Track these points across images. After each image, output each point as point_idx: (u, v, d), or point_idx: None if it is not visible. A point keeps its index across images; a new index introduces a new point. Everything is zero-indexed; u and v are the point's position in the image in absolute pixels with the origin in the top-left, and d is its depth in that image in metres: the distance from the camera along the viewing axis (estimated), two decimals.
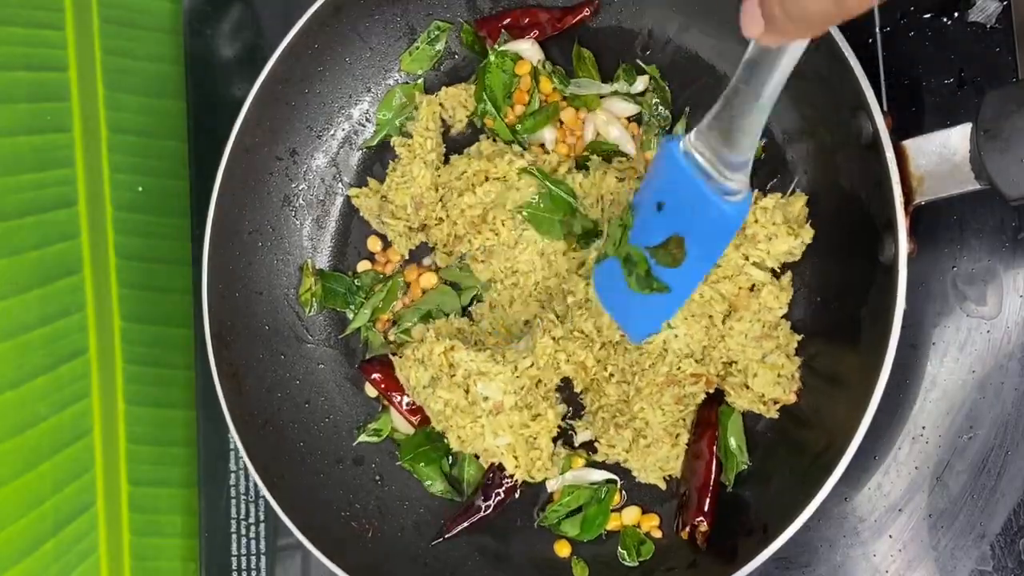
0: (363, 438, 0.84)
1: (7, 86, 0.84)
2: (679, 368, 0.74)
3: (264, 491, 0.78)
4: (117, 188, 0.92)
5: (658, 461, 0.76)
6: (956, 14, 0.76)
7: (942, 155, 0.64)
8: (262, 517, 0.89)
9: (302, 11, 0.81)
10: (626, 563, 0.77)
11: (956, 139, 0.64)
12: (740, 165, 0.59)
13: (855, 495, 0.75)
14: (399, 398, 0.82)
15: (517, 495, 0.80)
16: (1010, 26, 0.75)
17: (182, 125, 0.96)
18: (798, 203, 0.73)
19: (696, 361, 0.74)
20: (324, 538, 0.77)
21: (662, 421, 0.75)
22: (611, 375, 0.77)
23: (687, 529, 0.73)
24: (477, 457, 0.81)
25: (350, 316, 0.87)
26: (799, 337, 0.73)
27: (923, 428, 0.74)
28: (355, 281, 0.87)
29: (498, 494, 0.79)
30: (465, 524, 0.80)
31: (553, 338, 0.77)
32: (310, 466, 0.83)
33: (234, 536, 0.89)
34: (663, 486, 0.77)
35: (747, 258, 0.73)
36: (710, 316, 0.73)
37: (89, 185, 0.90)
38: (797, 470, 0.70)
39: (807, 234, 0.73)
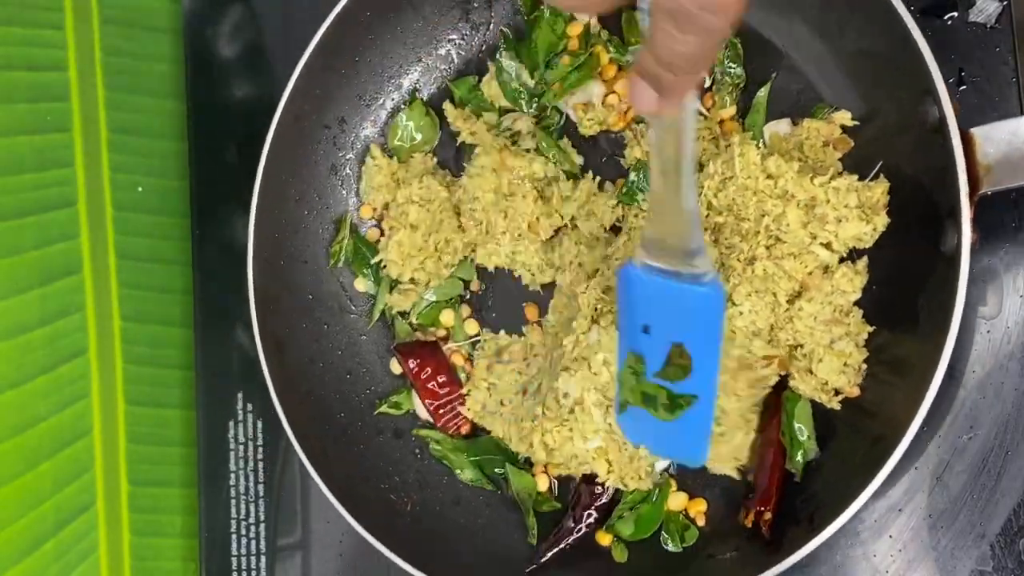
0: (383, 409, 0.84)
1: (7, 86, 0.84)
2: (750, 351, 0.72)
3: (305, 461, 0.78)
4: (117, 188, 0.92)
5: (732, 451, 0.74)
6: (956, 14, 0.76)
7: (1011, 143, 0.63)
8: (262, 517, 0.89)
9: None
10: (669, 548, 0.76)
11: None
12: (696, 251, 0.61)
13: None
14: (426, 398, 0.82)
15: (607, 511, 0.78)
16: (1010, 26, 0.75)
17: (182, 125, 0.96)
18: (878, 189, 0.70)
19: (767, 342, 0.72)
20: (363, 509, 0.77)
21: (737, 407, 0.73)
22: None
23: (751, 517, 0.72)
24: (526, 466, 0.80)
25: (359, 287, 0.87)
26: (871, 328, 0.71)
27: (923, 428, 0.74)
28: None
29: (590, 514, 0.77)
30: (560, 547, 0.77)
31: None
32: (351, 437, 0.83)
33: (234, 536, 0.89)
34: (737, 476, 0.75)
35: (814, 237, 0.70)
36: (774, 294, 0.71)
37: (89, 185, 0.90)
38: (849, 461, 0.70)
39: (881, 222, 0.70)
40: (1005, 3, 0.74)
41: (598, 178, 0.82)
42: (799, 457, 0.72)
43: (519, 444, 0.78)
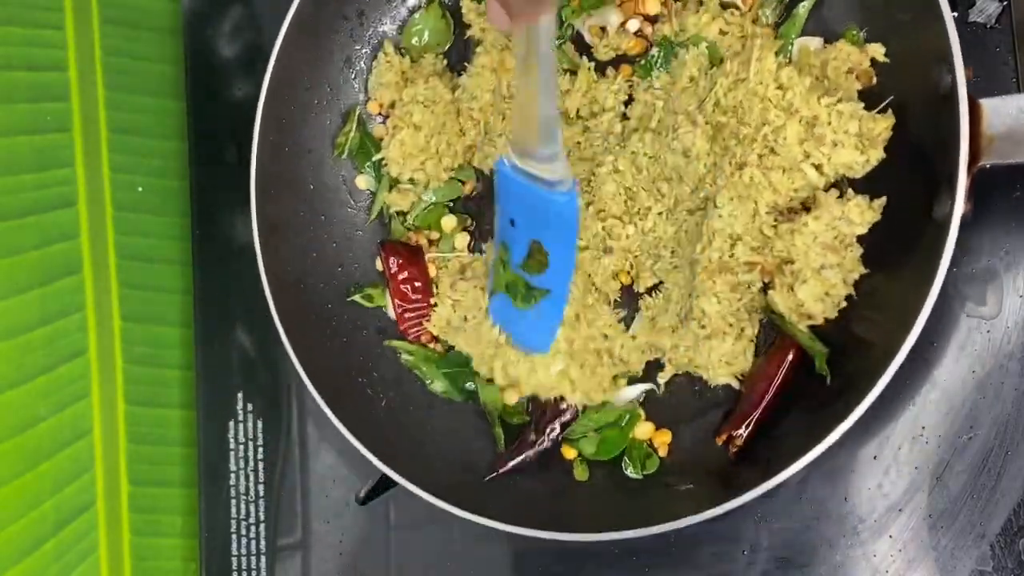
0: (356, 298, 0.86)
1: (7, 86, 0.84)
2: (732, 255, 0.73)
3: (288, 348, 0.79)
4: (117, 188, 0.93)
5: (723, 356, 0.74)
6: (956, 14, 0.76)
7: (1018, 119, 0.62)
8: (262, 517, 0.89)
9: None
10: (629, 473, 0.77)
11: None
12: (551, 156, 0.66)
13: (855, 495, 0.75)
14: (396, 298, 0.84)
15: (572, 427, 0.80)
16: (1010, 26, 0.74)
17: (182, 125, 0.96)
18: (882, 123, 0.69)
19: (752, 249, 0.73)
20: (339, 401, 0.78)
21: (718, 310, 0.73)
22: (675, 266, 0.77)
23: (724, 437, 0.73)
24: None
25: (360, 184, 0.88)
26: (864, 271, 0.71)
27: (923, 428, 0.74)
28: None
29: (553, 428, 0.79)
30: (519, 459, 0.79)
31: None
32: (335, 329, 0.85)
33: (234, 536, 0.89)
34: (736, 384, 0.76)
35: (807, 156, 0.70)
36: (756, 203, 0.72)
37: (89, 185, 0.90)
38: (810, 410, 0.70)
39: (875, 155, 0.69)
40: (1005, 3, 0.74)
41: (592, 64, 0.82)
42: (820, 359, 0.71)
43: (480, 365, 0.80)
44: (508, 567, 0.82)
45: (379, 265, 0.87)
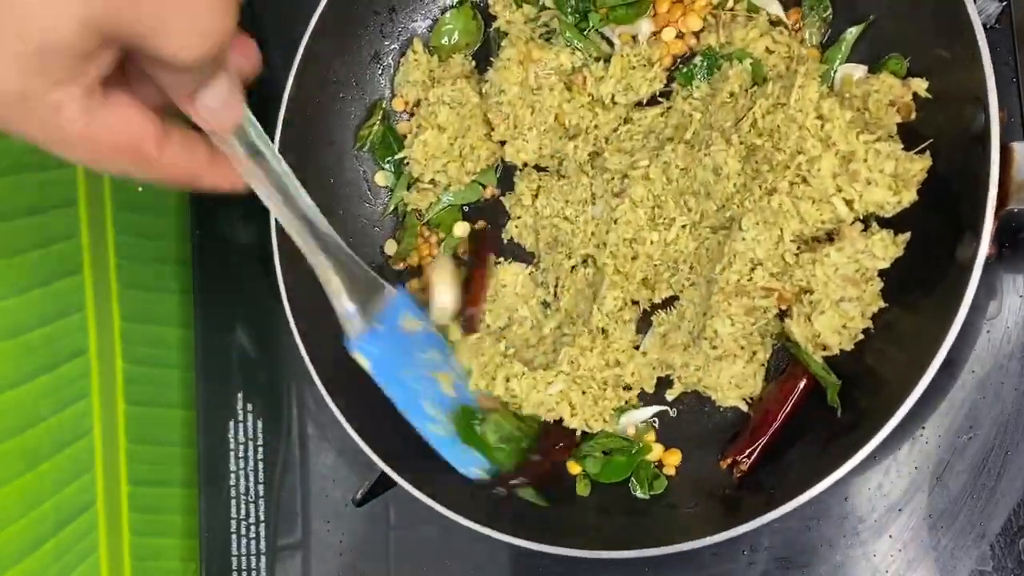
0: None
1: None
2: (750, 279, 0.72)
3: (297, 338, 0.79)
4: (117, 188, 0.92)
5: (733, 378, 0.74)
6: None
7: None
8: (262, 517, 0.89)
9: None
10: (636, 494, 0.77)
11: None
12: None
13: (855, 495, 0.75)
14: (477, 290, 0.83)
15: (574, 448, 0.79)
16: (1010, 26, 0.74)
17: None
18: (918, 164, 0.68)
19: (771, 275, 0.72)
20: (341, 392, 0.78)
21: (731, 332, 0.73)
22: (692, 283, 0.77)
23: (728, 461, 0.73)
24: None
25: (379, 180, 0.89)
26: (883, 305, 0.70)
27: (923, 428, 0.74)
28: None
29: (556, 449, 0.78)
30: (521, 479, 0.78)
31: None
32: None
33: (234, 536, 0.89)
34: (744, 408, 0.75)
35: (839, 190, 0.70)
36: (781, 230, 0.71)
37: (89, 185, 0.90)
38: (818, 441, 0.70)
39: (908, 197, 0.69)
40: (1005, 3, 0.74)
41: (629, 52, 0.81)
42: (832, 390, 0.71)
43: (479, 380, 0.80)
44: (507, 567, 0.82)
45: (388, 249, 0.87)
